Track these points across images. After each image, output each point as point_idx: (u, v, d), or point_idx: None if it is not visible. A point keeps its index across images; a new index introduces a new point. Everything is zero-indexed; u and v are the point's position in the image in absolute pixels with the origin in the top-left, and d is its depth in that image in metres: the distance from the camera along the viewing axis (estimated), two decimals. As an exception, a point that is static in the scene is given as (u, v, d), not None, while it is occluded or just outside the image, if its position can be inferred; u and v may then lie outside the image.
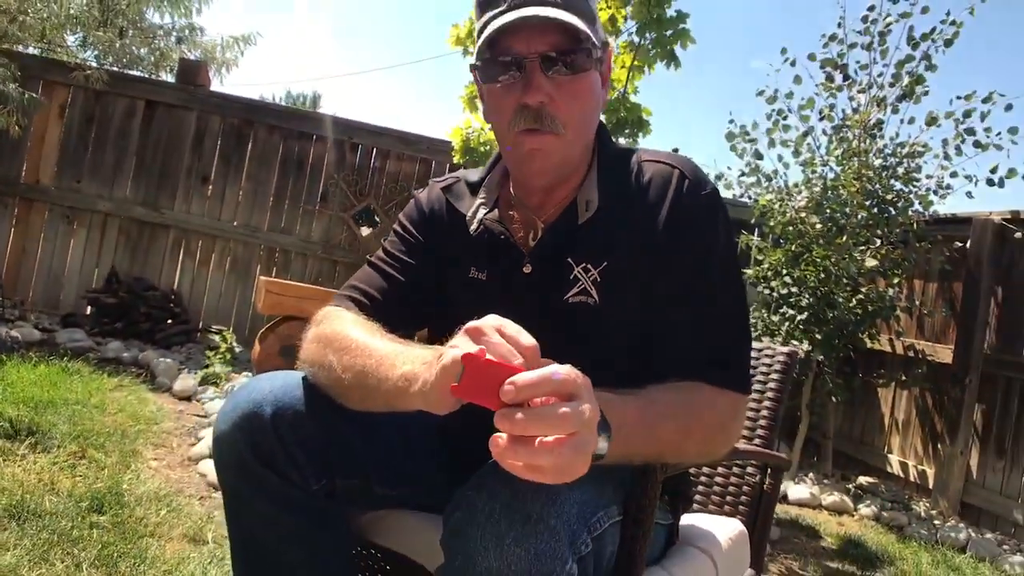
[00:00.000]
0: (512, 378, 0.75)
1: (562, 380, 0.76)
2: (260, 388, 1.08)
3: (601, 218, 1.15)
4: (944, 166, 4.37)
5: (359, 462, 1.13)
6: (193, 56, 10.05)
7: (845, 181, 4.25)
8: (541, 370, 0.76)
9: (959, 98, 4.29)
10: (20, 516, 2.08)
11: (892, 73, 4.40)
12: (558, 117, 1.09)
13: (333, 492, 1.11)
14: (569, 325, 1.13)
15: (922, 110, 4.39)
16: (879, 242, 4.28)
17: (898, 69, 4.38)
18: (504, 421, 0.74)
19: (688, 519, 1.39)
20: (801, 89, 4.59)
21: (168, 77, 9.53)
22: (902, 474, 4.63)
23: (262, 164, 5.78)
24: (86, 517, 2.18)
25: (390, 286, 1.23)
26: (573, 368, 0.78)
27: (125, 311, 5.19)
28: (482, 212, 1.22)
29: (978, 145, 4.24)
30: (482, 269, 1.20)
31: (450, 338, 0.88)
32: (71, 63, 5.79)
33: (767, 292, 4.37)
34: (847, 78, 4.54)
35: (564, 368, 0.78)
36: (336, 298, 1.24)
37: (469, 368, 0.78)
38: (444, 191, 1.29)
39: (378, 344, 1.01)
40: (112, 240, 5.63)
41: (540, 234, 1.18)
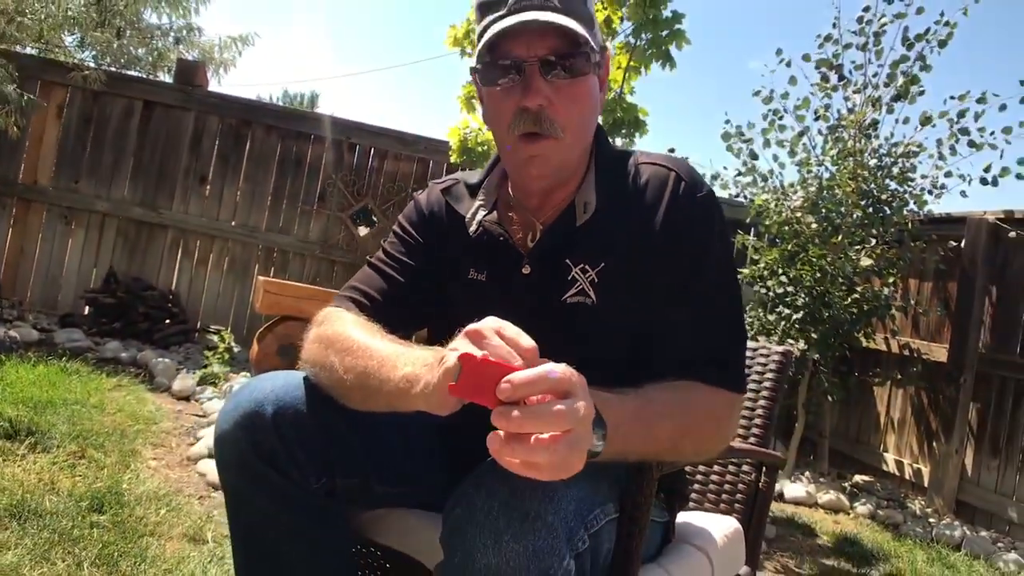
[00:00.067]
0: (508, 376, 0.77)
1: (558, 378, 0.78)
2: (261, 387, 1.09)
3: (599, 220, 1.16)
4: (939, 166, 4.38)
5: (359, 461, 1.14)
6: (191, 56, 10.04)
7: (840, 181, 4.26)
8: (537, 368, 0.78)
9: (953, 98, 4.30)
10: (21, 516, 2.09)
11: (887, 73, 4.41)
12: (557, 120, 1.10)
13: (333, 491, 1.12)
14: (567, 325, 1.14)
15: (917, 110, 4.42)
16: (874, 241, 4.29)
17: (893, 69, 4.38)
18: (501, 419, 0.75)
19: (684, 517, 1.40)
20: (797, 90, 4.60)
21: (166, 77, 9.53)
22: (898, 472, 4.66)
23: (260, 164, 5.78)
24: (86, 516, 2.19)
25: (390, 287, 1.24)
26: (569, 367, 0.80)
27: (123, 311, 5.19)
28: (481, 214, 1.23)
29: (972, 145, 4.25)
30: (481, 270, 1.21)
31: (450, 339, 0.89)
32: (69, 63, 5.78)
33: (763, 291, 4.38)
34: (842, 78, 4.55)
35: (560, 367, 0.79)
36: (337, 299, 1.25)
37: (466, 368, 0.79)
38: (443, 193, 1.30)
39: (379, 345, 1.02)
40: (110, 240, 5.63)
41: (539, 235, 1.20)
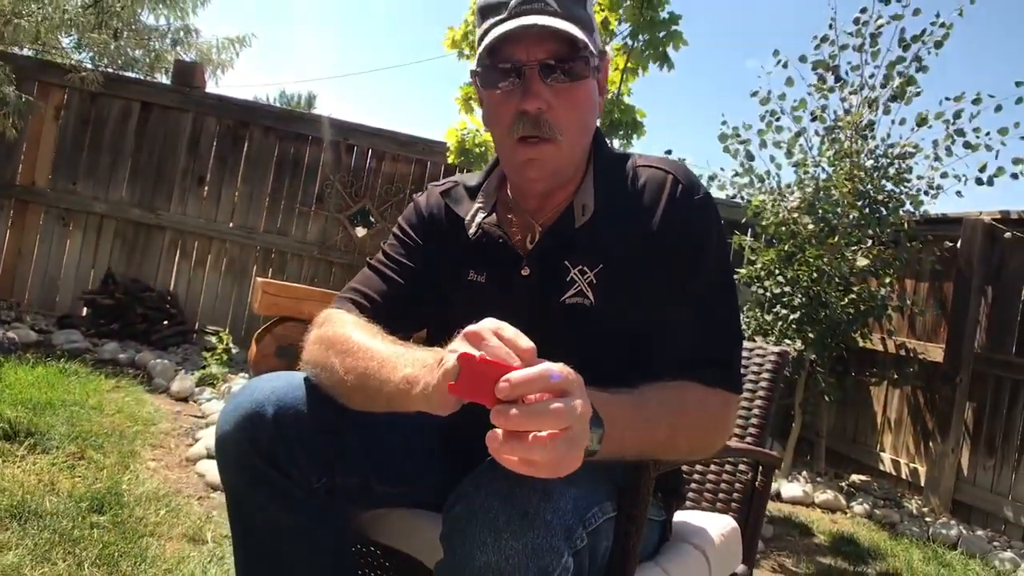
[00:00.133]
0: (507, 375, 0.78)
1: (556, 378, 0.79)
2: (262, 388, 1.10)
3: (597, 222, 1.17)
4: (935, 167, 4.40)
5: (359, 461, 1.15)
6: (188, 58, 10.04)
7: (837, 182, 4.28)
8: (535, 368, 0.79)
9: (948, 99, 4.32)
10: (21, 516, 2.09)
11: (883, 74, 4.43)
12: (556, 124, 1.11)
13: (333, 490, 1.13)
14: (566, 326, 1.15)
15: (913, 111, 4.42)
16: (871, 242, 4.31)
17: (889, 70, 4.40)
18: (499, 417, 0.77)
19: (681, 516, 1.41)
20: (793, 91, 4.63)
21: (164, 79, 9.53)
22: (894, 472, 4.67)
23: (258, 165, 5.79)
24: (86, 517, 2.19)
25: (390, 288, 1.25)
26: (566, 366, 0.81)
27: (121, 312, 5.19)
28: (480, 216, 1.24)
29: (968, 146, 4.27)
30: (481, 272, 1.22)
31: (449, 340, 0.90)
32: (66, 65, 5.79)
33: (760, 292, 4.40)
34: (839, 79, 4.56)
35: (557, 366, 0.80)
36: (337, 300, 1.26)
37: (466, 368, 0.80)
38: (443, 195, 1.30)
39: (379, 346, 1.03)
40: (108, 242, 5.63)
41: (538, 237, 1.21)
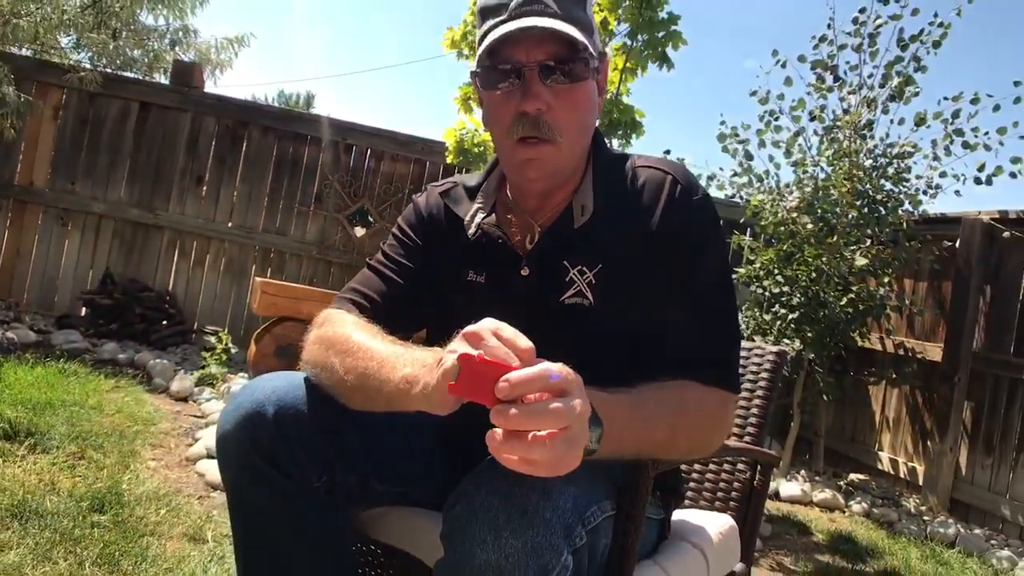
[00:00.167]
0: (506, 375, 0.79)
1: (555, 377, 0.79)
2: (263, 388, 1.11)
3: (596, 222, 1.18)
4: (933, 166, 4.41)
5: (359, 460, 1.16)
6: (187, 58, 10.04)
7: (836, 181, 4.28)
8: (534, 367, 0.80)
9: (947, 99, 4.33)
10: (22, 516, 2.10)
11: (882, 74, 4.44)
12: (555, 125, 1.12)
13: (333, 489, 1.13)
14: (565, 326, 1.16)
15: (912, 111, 4.43)
16: (869, 242, 4.31)
17: (888, 70, 4.41)
18: (499, 417, 0.77)
19: (680, 514, 1.42)
20: (792, 90, 4.64)
21: (162, 79, 9.52)
22: (892, 471, 4.68)
23: (257, 165, 5.79)
24: (87, 516, 2.20)
25: (389, 289, 1.25)
26: (565, 366, 0.82)
27: (120, 312, 5.19)
28: (480, 216, 1.24)
29: (967, 146, 4.28)
30: (480, 272, 1.22)
31: (449, 340, 0.91)
32: (65, 65, 5.79)
33: (759, 291, 4.40)
34: (837, 79, 4.57)
35: (556, 366, 0.81)
36: (337, 300, 1.27)
37: (465, 368, 0.81)
38: (442, 196, 1.31)
39: (379, 346, 1.03)
40: (106, 242, 5.63)
41: (537, 237, 1.21)
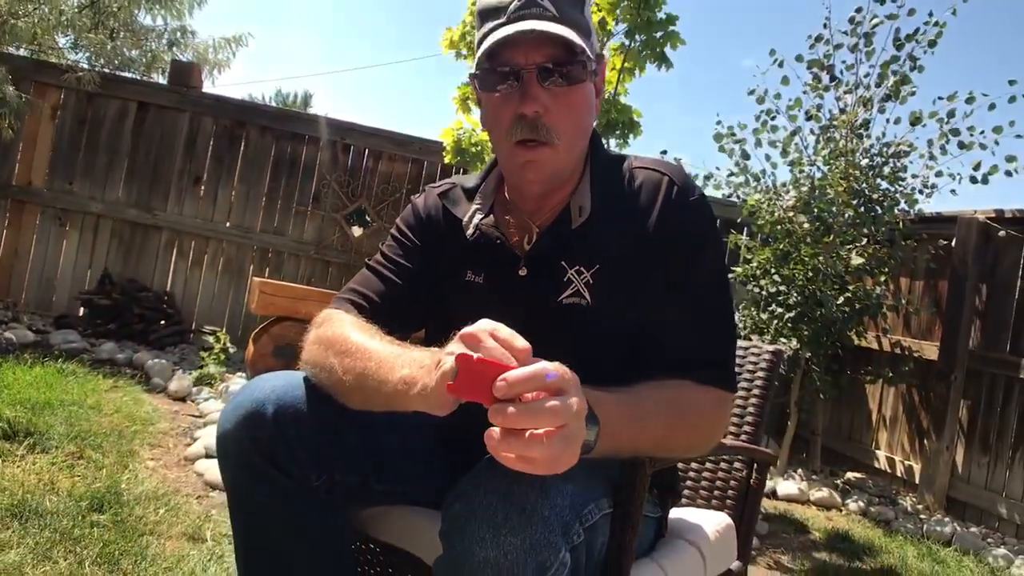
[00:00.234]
0: (504, 375, 0.80)
1: (551, 376, 0.80)
2: (262, 387, 1.12)
3: (594, 223, 1.19)
4: (929, 165, 4.42)
5: (359, 459, 1.17)
6: (185, 58, 10.01)
7: (832, 181, 4.30)
8: (531, 367, 0.81)
9: (941, 99, 4.35)
10: (22, 515, 2.10)
11: (878, 73, 4.45)
12: (553, 128, 1.13)
13: (333, 488, 1.14)
14: (563, 325, 1.17)
15: (908, 110, 4.43)
16: (866, 241, 4.33)
17: (884, 70, 4.42)
18: (497, 415, 0.79)
19: (677, 513, 1.43)
20: (789, 90, 4.65)
21: (160, 79, 9.51)
22: (889, 469, 4.70)
23: (254, 165, 5.79)
24: (86, 516, 2.20)
25: (388, 289, 1.26)
26: (561, 365, 0.83)
27: (118, 312, 5.20)
28: (478, 217, 1.25)
29: (962, 145, 4.29)
30: (478, 272, 1.23)
31: (447, 340, 0.92)
32: (63, 65, 5.78)
33: (756, 290, 4.42)
34: (834, 79, 4.58)
35: (553, 365, 0.82)
36: (336, 301, 1.27)
37: (463, 368, 0.82)
38: (441, 197, 1.32)
39: (377, 347, 1.04)
40: (105, 242, 5.63)
41: (535, 238, 1.22)
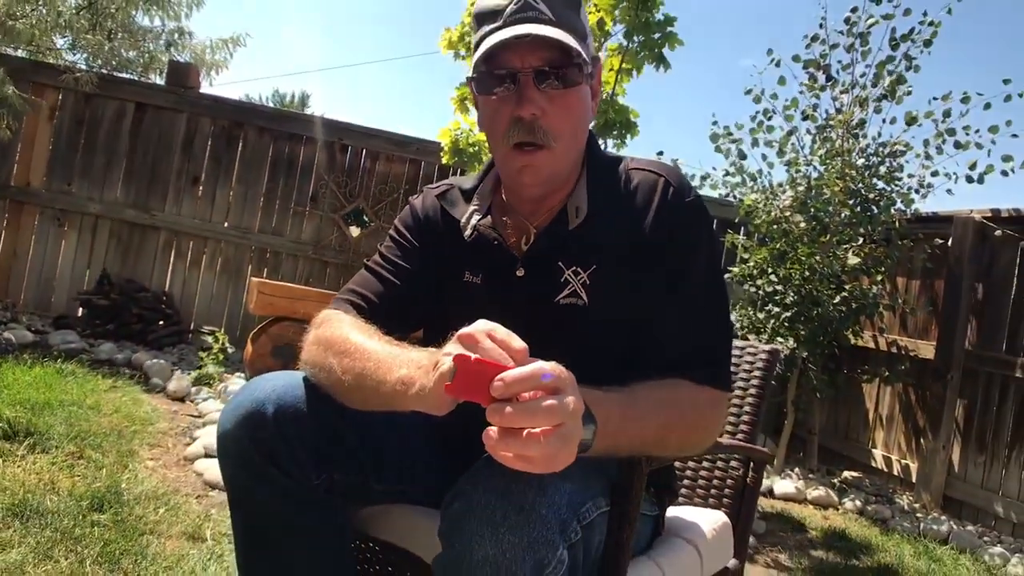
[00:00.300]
0: (501, 375, 0.81)
1: (548, 376, 0.82)
2: (263, 387, 1.13)
3: (590, 224, 1.20)
4: (925, 165, 4.44)
5: (358, 459, 1.18)
6: (182, 59, 10.01)
7: (829, 180, 4.31)
8: (528, 366, 0.82)
9: (936, 99, 4.37)
10: (23, 515, 2.11)
11: (874, 73, 4.47)
12: (550, 130, 1.14)
13: (332, 487, 1.15)
14: (560, 325, 1.18)
15: (904, 110, 4.45)
16: (862, 240, 4.34)
17: (879, 69, 4.44)
18: (495, 415, 0.80)
19: (674, 511, 1.44)
20: (786, 90, 4.65)
21: (158, 80, 9.50)
22: (886, 468, 4.72)
23: (252, 165, 5.79)
24: (87, 515, 2.21)
25: (387, 290, 1.27)
26: (558, 364, 0.84)
27: (117, 313, 5.20)
28: (476, 218, 1.26)
29: (958, 145, 4.31)
30: (476, 273, 1.24)
31: (445, 340, 0.93)
32: (61, 66, 5.78)
33: (753, 290, 4.43)
34: (829, 78, 4.59)
35: (549, 364, 0.83)
36: (335, 301, 1.28)
37: (461, 369, 0.83)
38: (439, 198, 1.33)
39: (376, 347, 1.05)
40: (103, 242, 5.63)
41: (532, 239, 1.23)
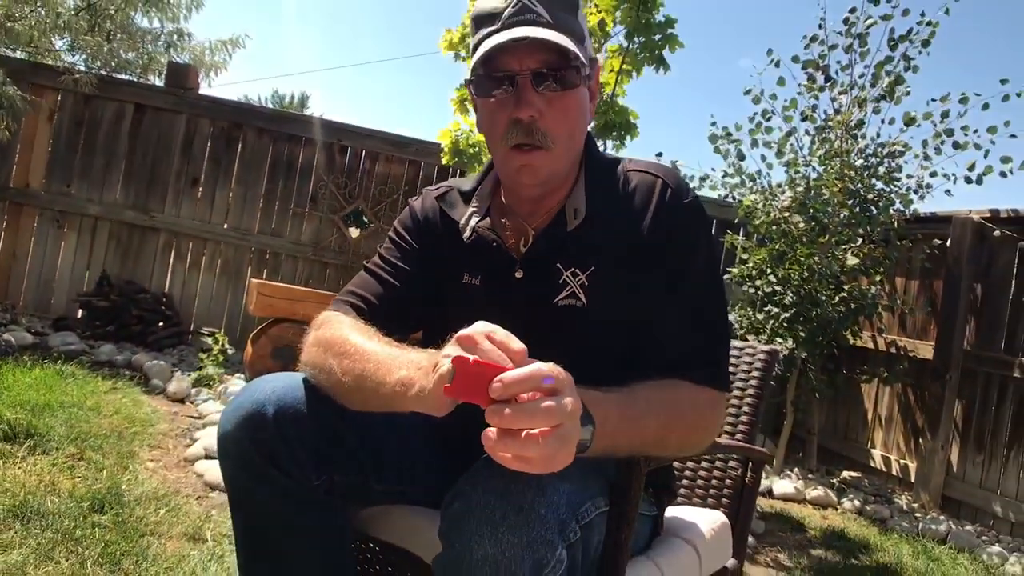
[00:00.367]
0: (500, 376, 0.81)
1: (546, 377, 0.82)
2: (263, 388, 1.13)
3: (589, 225, 1.21)
4: (924, 166, 4.44)
5: (358, 460, 1.18)
6: (181, 60, 10.01)
7: (828, 181, 4.32)
8: (526, 367, 0.82)
9: (935, 100, 4.37)
10: (24, 516, 2.12)
11: (872, 74, 4.48)
12: (548, 132, 1.14)
13: (333, 488, 1.15)
14: (559, 327, 1.19)
15: (902, 111, 4.46)
16: (861, 241, 4.34)
17: (878, 70, 4.44)
18: (494, 416, 0.80)
19: (672, 511, 1.44)
20: (785, 90, 4.66)
21: (157, 81, 9.50)
22: (885, 468, 4.72)
23: (252, 167, 5.80)
24: (88, 517, 2.22)
25: (386, 291, 1.28)
26: (556, 366, 0.85)
27: (117, 314, 5.20)
28: (475, 220, 1.27)
29: (957, 146, 4.31)
30: (475, 275, 1.25)
31: (445, 341, 0.93)
32: (60, 67, 5.78)
33: (752, 291, 4.44)
34: (828, 79, 4.60)
35: (547, 366, 0.84)
36: (335, 303, 1.29)
37: (460, 370, 0.83)
38: (437, 199, 1.33)
39: (375, 349, 1.06)
40: (103, 243, 5.64)
41: (531, 241, 1.24)
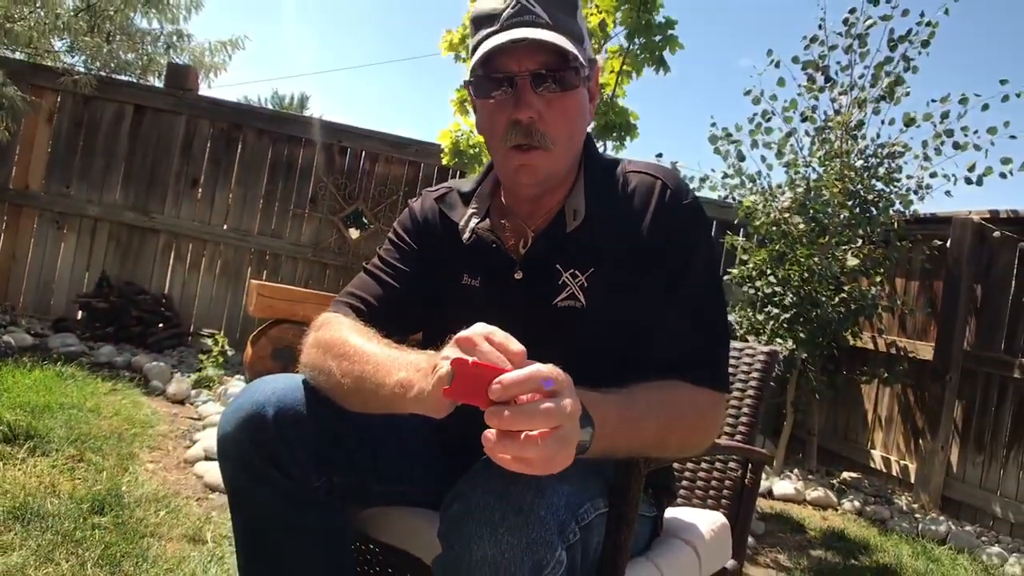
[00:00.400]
0: (499, 378, 0.81)
1: (545, 378, 0.82)
2: (263, 390, 1.13)
3: (588, 226, 1.21)
4: (924, 166, 4.45)
5: (358, 461, 1.18)
6: (181, 61, 10.01)
7: (828, 182, 4.32)
8: (525, 369, 0.83)
9: (935, 101, 4.38)
10: (24, 518, 2.11)
11: (872, 75, 4.48)
12: (547, 133, 1.14)
13: (333, 489, 1.15)
14: (558, 328, 1.19)
15: (902, 111, 4.46)
16: (861, 241, 4.35)
17: (878, 71, 4.45)
18: (493, 418, 0.80)
19: (672, 512, 1.44)
20: (785, 91, 4.66)
21: (156, 82, 9.50)
22: (884, 469, 4.73)
23: (251, 168, 5.80)
24: (88, 518, 2.22)
25: (386, 293, 1.28)
26: (555, 367, 0.85)
27: (116, 315, 5.20)
28: (474, 221, 1.27)
29: (957, 146, 4.31)
30: (475, 276, 1.25)
31: (444, 343, 0.93)
32: (59, 68, 5.78)
33: (752, 291, 4.44)
34: (828, 80, 4.60)
35: (546, 367, 0.84)
36: (334, 304, 1.29)
37: (459, 372, 0.84)
38: (437, 201, 1.33)
39: (375, 350, 1.06)
40: (102, 245, 5.64)
41: (530, 242, 1.24)
